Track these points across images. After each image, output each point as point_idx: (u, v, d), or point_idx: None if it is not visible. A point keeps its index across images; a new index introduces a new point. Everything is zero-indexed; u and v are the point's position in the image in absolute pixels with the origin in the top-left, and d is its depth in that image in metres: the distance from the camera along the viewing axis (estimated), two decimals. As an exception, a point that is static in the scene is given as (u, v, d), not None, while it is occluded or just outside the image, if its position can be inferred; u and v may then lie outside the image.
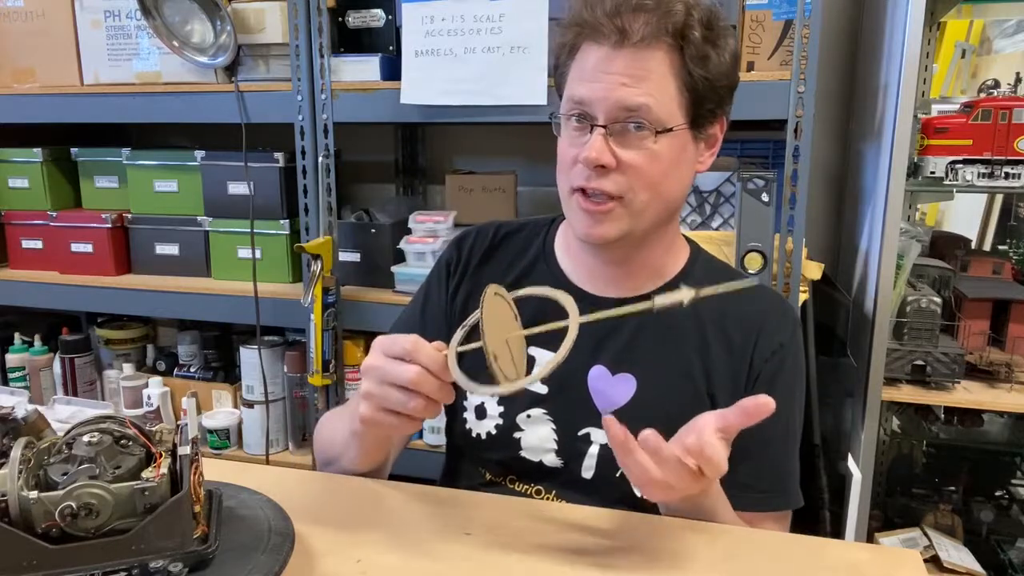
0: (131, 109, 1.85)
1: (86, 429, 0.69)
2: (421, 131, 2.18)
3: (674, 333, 0.96)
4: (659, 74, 0.85)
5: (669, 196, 0.91)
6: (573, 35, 0.89)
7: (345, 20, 1.73)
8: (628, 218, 0.89)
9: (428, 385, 0.74)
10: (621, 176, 0.87)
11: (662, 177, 0.88)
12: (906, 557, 0.77)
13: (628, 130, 0.86)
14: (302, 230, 1.75)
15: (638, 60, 0.84)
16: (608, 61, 0.85)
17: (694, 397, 0.94)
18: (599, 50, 0.86)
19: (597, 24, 0.85)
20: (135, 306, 1.93)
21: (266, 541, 0.72)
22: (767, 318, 0.97)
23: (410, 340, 0.75)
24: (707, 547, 0.79)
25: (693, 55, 0.85)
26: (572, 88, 0.89)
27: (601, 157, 0.85)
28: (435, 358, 0.74)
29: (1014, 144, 1.48)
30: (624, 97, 0.84)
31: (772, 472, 0.96)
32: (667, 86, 0.86)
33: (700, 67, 0.86)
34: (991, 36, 2.11)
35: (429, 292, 1.08)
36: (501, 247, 1.06)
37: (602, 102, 0.85)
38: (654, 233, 0.94)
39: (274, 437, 1.90)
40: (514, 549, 0.78)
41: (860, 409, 1.54)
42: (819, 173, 1.95)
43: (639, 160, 0.86)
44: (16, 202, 2.05)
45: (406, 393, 0.75)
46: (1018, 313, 1.57)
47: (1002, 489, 1.85)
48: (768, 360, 0.94)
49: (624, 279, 0.98)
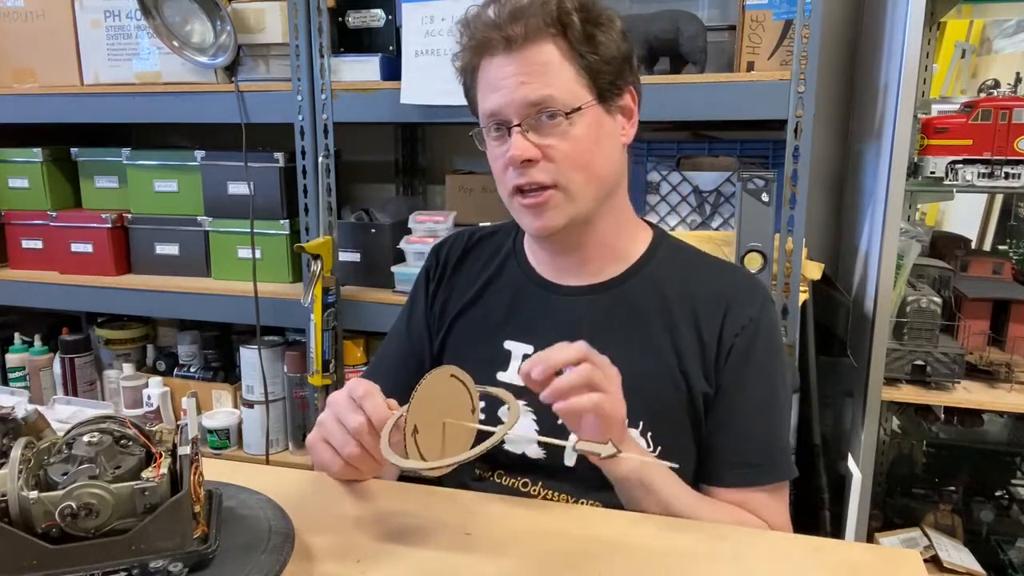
0: (131, 109, 1.85)
1: (86, 429, 0.69)
2: (421, 131, 2.18)
3: (642, 314, 0.98)
4: (553, 64, 0.90)
5: (601, 172, 0.95)
6: (469, 56, 0.95)
7: (345, 20, 1.73)
8: (568, 203, 0.93)
9: (365, 438, 0.79)
10: (550, 164, 0.91)
11: (588, 155, 0.92)
12: (906, 557, 0.77)
13: (541, 121, 0.90)
14: (302, 230, 1.75)
15: (529, 58, 0.90)
16: (504, 68, 0.91)
17: (666, 375, 0.95)
18: (493, 61, 0.92)
19: (485, 40, 0.91)
20: (135, 306, 1.93)
21: (266, 541, 0.72)
22: (735, 294, 0.98)
23: (364, 389, 0.80)
24: (708, 547, 0.79)
25: (578, 38, 0.90)
26: (483, 103, 0.95)
27: (525, 152, 0.90)
28: (379, 413, 0.79)
29: (1014, 144, 1.48)
30: (527, 94, 0.89)
31: (757, 446, 0.96)
32: (563, 72, 0.90)
33: (588, 47, 0.91)
34: (991, 36, 2.11)
35: (414, 300, 1.13)
36: (475, 250, 1.10)
37: (510, 105, 0.91)
38: (598, 213, 0.97)
39: (274, 437, 1.90)
40: (514, 549, 0.78)
41: (860, 409, 1.54)
42: (819, 173, 1.95)
43: (560, 144, 0.91)
44: (16, 202, 2.05)
45: (345, 437, 0.80)
46: (1018, 313, 1.57)
47: (1002, 489, 1.85)
48: (738, 334, 0.95)
49: (582, 265, 1.01)
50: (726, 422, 0.96)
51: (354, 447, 0.80)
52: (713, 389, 0.96)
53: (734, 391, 0.96)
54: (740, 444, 0.96)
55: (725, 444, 0.96)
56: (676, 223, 1.66)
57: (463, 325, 1.06)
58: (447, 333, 1.07)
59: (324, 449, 0.83)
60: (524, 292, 1.03)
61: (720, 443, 0.96)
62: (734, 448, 0.95)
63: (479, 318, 1.05)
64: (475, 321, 1.05)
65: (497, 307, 1.04)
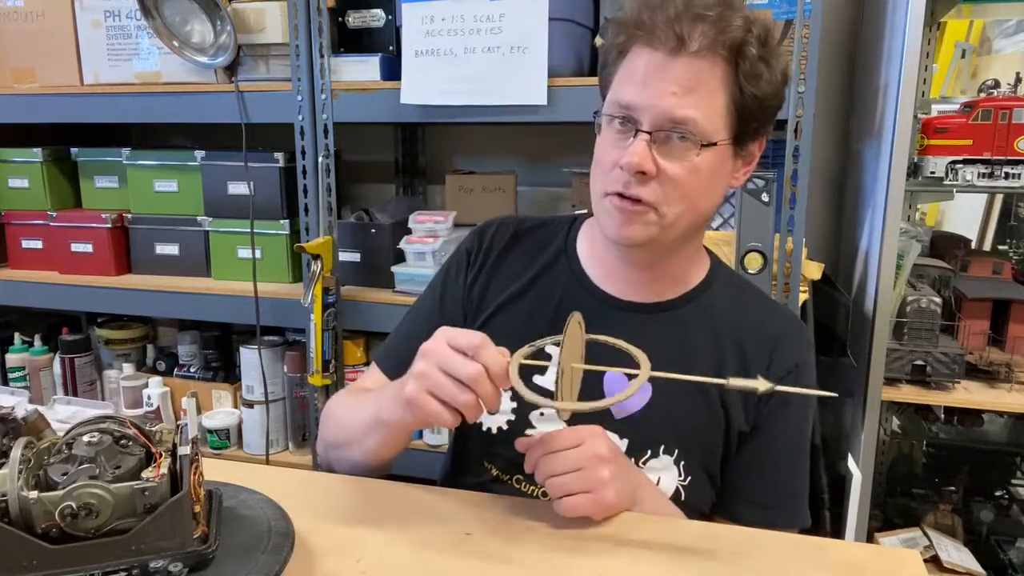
0: (131, 109, 1.84)
1: (86, 429, 0.69)
2: (421, 131, 2.18)
3: (691, 342, 0.96)
4: (710, 87, 0.84)
5: (702, 209, 0.91)
6: (626, 36, 0.87)
7: (345, 20, 1.73)
8: (659, 226, 0.88)
9: (484, 386, 0.75)
10: (659, 186, 0.85)
11: (699, 191, 0.87)
12: (906, 557, 0.77)
13: (672, 140, 0.84)
14: (302, 230, 1.75)
15: (691, 71, 0.83)
16: (661, 68, 0.83)
17: (707, 407, 0.94)
18: (652, 55, 0.84)
19: (655, 28, 0.83)
20: (135, 306, 1.93)
21: (266, 541, 0.71)
22: (782, 337, 0.97)
23: (478, 336, 0.76)
24: (708, 547, 0.79)
25: (747, 72, 0.84)
26: (618, 91, 0.87)
27: (644, 164, 0.84)
28: (498, 362, 0.75)
29: (1014, 144, 1.48)
30: (672, 107, 0.83)
31: (781, 490, 0.96)
32: (716, 100, 0.84)
33: (752, 84, 0.85)
34: (991, 36, 2.11)
35: (448, 279, 1.07)
36: (522, 241, 1.05)
37: (649, 109, 0.84)
38: (681, 244, 0.94)
39: (274, 437, 1.90)
40: (514, 549, 0.78)
41: (860, 409, 1.54)
42: (819, 173, 1.95)
43: (679, 172, 0.85)
44: (16, 202, 2.05)
45: (460, 387, 0.75)
46: (1018, 313, 1.57)
47: (1002, 489, 1.85)
48: (782, 379, 0.93)
49: (646, 284, 0.97)
50: (755, 463, 0.95)
51: (470, 395, 0.75)
52: (748, 427, 0.95)
53: (768, 434, 0.95)
54: (764, 486, 0.95)
55: (750, 484, 0.95)
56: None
57: (505, 318, 1.01)
58: (485, 323, 1.02)
59: (430, 402, 0.77)
60: (573, 297, 0.98)
61: (744, 482, 0.95)
62: (758, 489, 0.95)
63: (523, 315, 1.00)
64: (518, 318, 1.00)
65: (542, 307, 1.00)
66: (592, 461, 0.81)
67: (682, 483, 0.93)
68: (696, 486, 0.94)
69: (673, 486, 0.93)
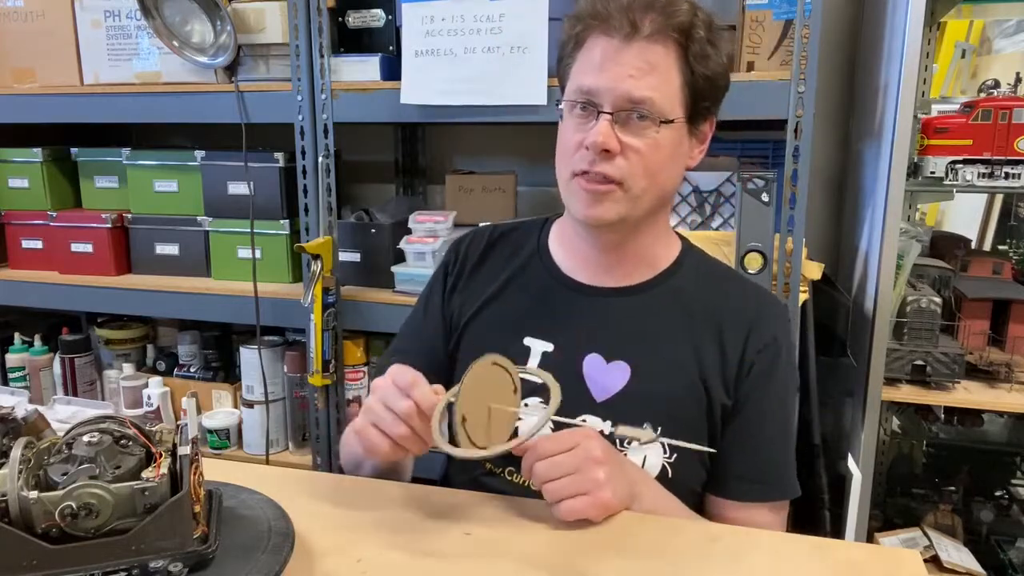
0: (131, 109, 1.84)
1: (86, 429, 0.69)
2: (421, 131, 2.18)
3: (667, 323, 0.99)
4: (664, 68, 0.90)
5: (664, 185, 0.95)
6: (583, 27, 0.93)
7: (345, 20, 1.73)
8: (626, 202, 0.93)
9: (414, 420, 0.80)
10: (623, 161, 0.90)
11: (660, 166, 0.92)
12: (906, 557, 0.77)
13: (632, 119, 0.90)
14: (302, 230, 1.75)
15: (645, 54, 0.89)
16: (617, 53, 0.89)
17: (687, 384, 0.96)
18: (609, 42, 0.90)
19: (609, 17, 0.89)
20: (135, 306, 1.93)
21: (266, 541, 0.72)
22: (759, 312, 0.99)
23: (412, 375, 0.81)
24: (708, 546, 0.79)
25: (696, 53, 0.90)
26: (578, 78, 0.93)
27: (608, 142, 0.89)
28: (427, 400, 0.80)
29: (1014, 144, 1.48)
30: (631, 89, 0.88)
31: (768, 464, 0.98)
32: (670, 80, 0.90)
33: (702, 65, 0.91)
34: (991, 36, 2.11)
35: (431, 295, 1.11)
36: (496, 247, 1.09)
37: (609, 92, 0.89)
38: (647, 222, 0.98)
39: (274, 437, 1.90)
40: (514, 549, 0.78)
41: (860, 409, 1.54)
42: (819, 173, 1.95)
43: (642, 146, 0.90)
44: (16, 202, 2.05)
45: (396, 420, 0.81)
46: (1018, 313, 1.57)
47: (1002, 489, 1.85)
48: (761, 352, 0.97)
49: (617, 267, 1.01)
50: (742, 438, 0.97)
51: (404, 428, 0.80)
52: (731, 401, 0.97)
53: (752, 408, 0.97)
54: (753, 460, 0.97)
55: (738, 459, 0.97)
56: (676, 223, 1.65)
57: (481, 321, 1.05)
58: (464, 329, 1.06)
59: (373, 433, 0.82)
60: (548, 290, 1.03)
61: (733, 458, 0.97)
62: (747, 464, 0.96)
63: (499, 314, 1.04)
64: (494, 317, 1.04)
65: (519, 304, 1.03)
66: (587, 463, 0.82)
67: (668, 460, 0.95)
68: (682, 463, 0.95)
69: (659, 464, 0.95)
